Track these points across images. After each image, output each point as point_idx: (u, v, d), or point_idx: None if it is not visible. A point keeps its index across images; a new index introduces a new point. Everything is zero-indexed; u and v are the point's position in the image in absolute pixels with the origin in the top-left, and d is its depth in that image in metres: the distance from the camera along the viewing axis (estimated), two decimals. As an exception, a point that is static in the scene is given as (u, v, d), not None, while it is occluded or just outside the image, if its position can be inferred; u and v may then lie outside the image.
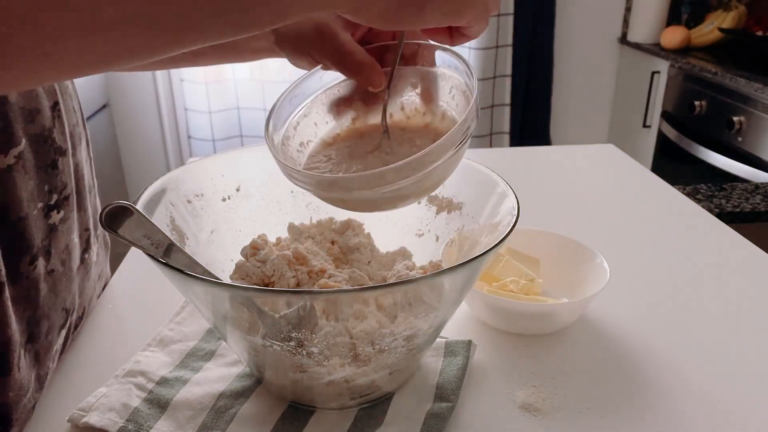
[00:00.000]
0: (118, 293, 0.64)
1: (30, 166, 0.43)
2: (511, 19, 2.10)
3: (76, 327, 0.56)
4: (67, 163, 0.49)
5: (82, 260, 0.55)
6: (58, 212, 0.47)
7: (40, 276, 0.45)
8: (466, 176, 0.54)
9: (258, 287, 0.49)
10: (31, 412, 0.47)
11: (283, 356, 0.43)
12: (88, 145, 0.56)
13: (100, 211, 0.39)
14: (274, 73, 2.10)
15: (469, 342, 0.53)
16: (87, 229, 0.55)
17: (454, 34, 0.43)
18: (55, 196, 0.47)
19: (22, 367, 0.44)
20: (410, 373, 0.50)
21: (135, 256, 0.71)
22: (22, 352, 0.44)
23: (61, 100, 0.48)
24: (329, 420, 0.47)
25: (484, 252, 0.39)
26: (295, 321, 0.42)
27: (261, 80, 2.11)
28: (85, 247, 0.55)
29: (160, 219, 0.47)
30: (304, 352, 0.42)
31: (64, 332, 0.52)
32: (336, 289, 0.42)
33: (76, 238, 0.52)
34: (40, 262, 0.45)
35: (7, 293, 0.41)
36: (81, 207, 0.53)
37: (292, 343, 0.42)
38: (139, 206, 0.44)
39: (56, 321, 0.49)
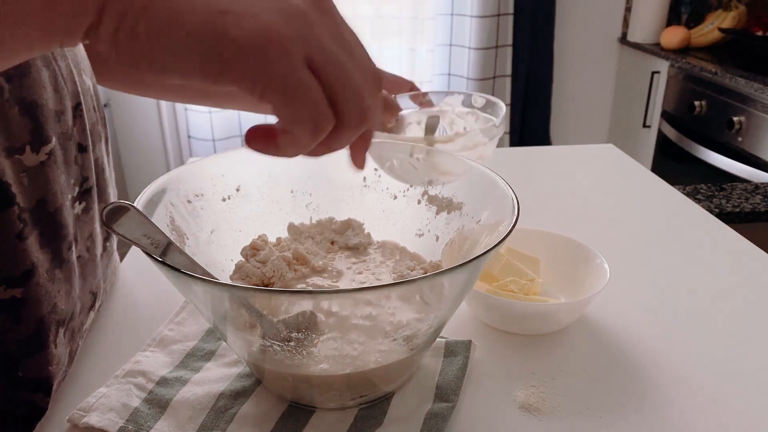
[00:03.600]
0: (118, 293, 0.64)
1: (60, 161, 0.47)
2: (511, 19, 2.10)
3: (98, 310, 0.60)
4: (88, 159, 0.52)
5: (105, 248, 0.58)
6: (80, 203, 0.51)
7: (74, 261, 0.49)
8: (467, 176, 0.55)
9: (257, 287, 0.49)
10: (62, 383, 0.50)
11: (283, 356, 0.43)
12: (107, 142, 0.59)
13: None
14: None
15: (469, 342, 0.53)
16: None
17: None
18: (77, 189, 0.51)
19: (59, 344, 0.47)
20: (410, 373, 0.50)
21: (135, 257, 0.71)
22: (62, 330, 0.48)
23: (83, 102, 0.51)
24: (329, 420, 0.47)
25: (483, 252, 0.39)
26: (293, 326, 0.42)
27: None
28: (107, 236, 0.59)
29: (160, 219, 0.47)
30: (303, 352, 0.42)
31: (92, 313, 0.56)
32: (336, 289, 0.43)
33: (97, 228, 0.55)
34: (73, 248, 0.49)
35: (37, 276, 0.44)
36: (102, 198, 0.57)
37: (291, 344, 0.42)
38: (139, 206, 0.44)
39: (86, 303, 0.53)
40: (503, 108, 0.78)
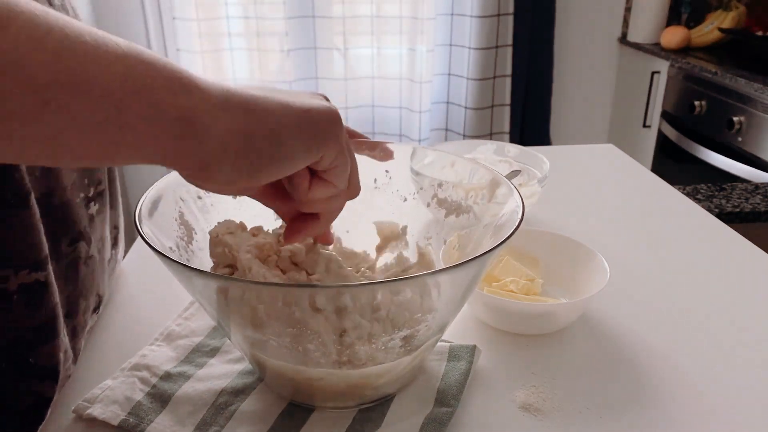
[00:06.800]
0: (121, 292, 0.65)
1: None
2: (511, 19, 2.10)
3: (100, 313, 0.60)
4: None
5: (112, 255, 0.59)
6: (95, 204, 0.53)
7: (80, 258, 0.50)
8: (472, 177, 0.55)
9: (256, 281, 0.49)
10: (66, 380, 0.50)
11: (283, 354, 0.43)
12: None
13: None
14: (275, 73, 2.10)
15: (474, 347, 0.53)
16: (116, 227, 0.61)
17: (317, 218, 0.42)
18: (92, 190, 0.52)
19: (64, 335, 0.48)
20: (412, 376, 0.50)
21: (145, 249, 0.71)
22: (64, 322, 0.48)
23: None
24: (328, 420, 0.47)
25: (482, 253, 0.39)
26: None
27: (261, 80, 2.11)
28: (114, 243, 0.60)
29: (168, 214, 0.47)
30: (307, 343, 0.42)
31: (96, 315, 0.57)
32: (339, 284, 0.42)
33: (107, 232, 0.57)
34: (82, 246, 0.50)
35: (50, 267, 0.44)
36: (113, 205, 0.59)
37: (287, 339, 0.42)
38: (147, 201, 0.44)
39: (91, 303, 0.54)
40: (546, 162, 0.80)
